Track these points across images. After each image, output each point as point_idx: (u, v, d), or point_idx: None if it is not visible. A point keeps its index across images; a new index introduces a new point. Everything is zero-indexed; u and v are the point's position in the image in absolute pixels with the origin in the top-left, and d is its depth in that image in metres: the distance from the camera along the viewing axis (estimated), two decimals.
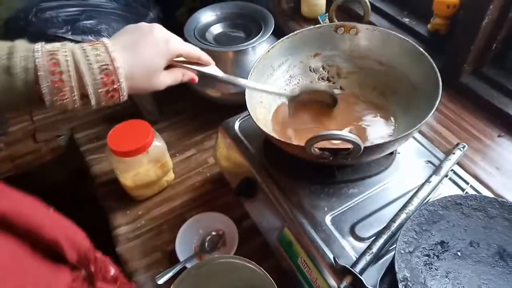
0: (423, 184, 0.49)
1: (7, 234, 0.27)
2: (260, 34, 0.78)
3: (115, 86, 0.36)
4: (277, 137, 0.47)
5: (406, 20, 0.78)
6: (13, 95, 0.33)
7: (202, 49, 0.46)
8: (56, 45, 0.35)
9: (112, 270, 0.38)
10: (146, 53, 0.39)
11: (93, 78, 0.35)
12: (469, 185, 0.52)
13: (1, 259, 0.25)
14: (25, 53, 0.33)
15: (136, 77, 0.39)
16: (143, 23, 0.42)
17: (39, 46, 0.34)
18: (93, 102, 0.36)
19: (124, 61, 0.37)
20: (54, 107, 0.35)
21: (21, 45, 0.34)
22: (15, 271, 0.25)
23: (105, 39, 0.38)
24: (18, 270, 0.26)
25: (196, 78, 0.47)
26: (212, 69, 0.47)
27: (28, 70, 0.33)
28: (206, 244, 0.63)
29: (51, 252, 0.29)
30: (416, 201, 0.48)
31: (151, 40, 0.40)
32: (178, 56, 0.43)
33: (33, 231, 0.28)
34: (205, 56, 0.46)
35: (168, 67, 0.43)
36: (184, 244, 0.63)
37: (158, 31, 0.41)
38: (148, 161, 0.67)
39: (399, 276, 0.40)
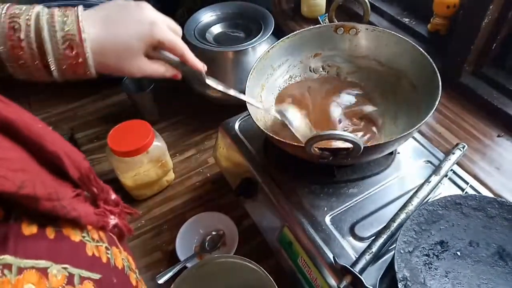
0: (422, 184, 0.49)
1: (14, 142, 0.27)
2: (260, 34, 0.79)
3: (79, 60, 0.33)
4: (277, 137, 0.47)
5: (406, 20, 0.78)
6: None
7: (202, 49, 0.45)
8: (22, 7, 0.32)
9: (113, 195, 0.37)
10: (124, 31, 0.35)
11: (55, 48, 0.32)
12: (469, 185, 0.52)
13: (9, 156, 0.25)
14: None
15: (107, 54, 0.35)
16: (132, 0, 0.37)
17: (4, 7, 0.31)
18: (55, 73, 0.33)
19: (95, 34, 0.33)
20: (18, 74, 0.33)
21: None
22: (24, 169, 0.25)
23: (80, 7, 0.34)
24: (26, 169, 0.26)
25: (179, 75, 0.42)
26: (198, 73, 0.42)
27: None
28: (206, 243, 0.63)
29: (54, 168, 0.29)
30: (415, 201, 0.48)
31: (135, 18, 0.36)
32: (160, 44, 0.38)
33: (37, 141, 0.27)
34: (190, 55, 0.41)
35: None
36: (184, 243, 0.63)
37: (146, 11, 0.37)
38: (149, 161, 0.67)
39: (399, 275, 0.40)
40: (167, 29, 0.38)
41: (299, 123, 0.55)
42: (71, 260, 0.28)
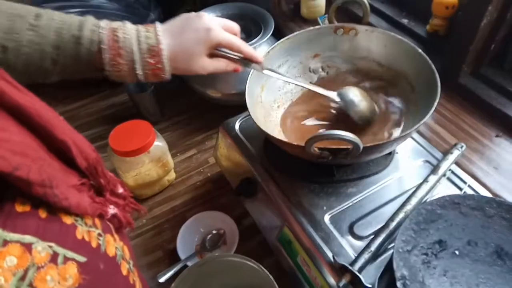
0: (421, 184, 0.50)
1: (24, 127, 0.28)
2: (260, 35, 0.79)
3: (159, 66, 0.41)
4: (277, 137, 0.48)
5: (405, 21, 0.78)
6: (79, 62, 0.39)
7: None
8: (118, 23, 0.41)
9: (121, 189, 0.40)
10: (187, 39, 0.43)
11: (141, 57, 0.40)
12: (467, 184, 0.52)
13: (12, 139, 0.27)
14: (93, 27, 0.39)
15: (177, 59, 0.43)
16: (194, 13, 0.45)
17: (105, 23, 0.40)
18: (140, 77, 0.41)
19: (168, 44, 0.42)
20: (111, 76, 0.41)
21: (90, 20, 0.40)
22: (24, 153, 0.27)
23: (158, 24, 0.43)
24: (27, 154, 0.27)
25: (240, 68, 0.49)
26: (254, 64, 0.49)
27: (93, 42, 0.39)
28: (207, 242, 0.64)
29: (63, 156, 0.32)
30: (414, 200, 0.48)
31: (194, 27, 0.43)
32: (218, 45, 0.45)
33: (47, 128, 0.30)
34: (247, 49, 0.47)
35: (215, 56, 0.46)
36: (185, 242, 0.63)
37: (203, 20, 0.44)
38: (150, 161, 0.67)
39: (397, 274, 0.40)
40: (222, 30, 0.45)
41: (359, 102, 0.56)
42: (58, 239, 0.28)
